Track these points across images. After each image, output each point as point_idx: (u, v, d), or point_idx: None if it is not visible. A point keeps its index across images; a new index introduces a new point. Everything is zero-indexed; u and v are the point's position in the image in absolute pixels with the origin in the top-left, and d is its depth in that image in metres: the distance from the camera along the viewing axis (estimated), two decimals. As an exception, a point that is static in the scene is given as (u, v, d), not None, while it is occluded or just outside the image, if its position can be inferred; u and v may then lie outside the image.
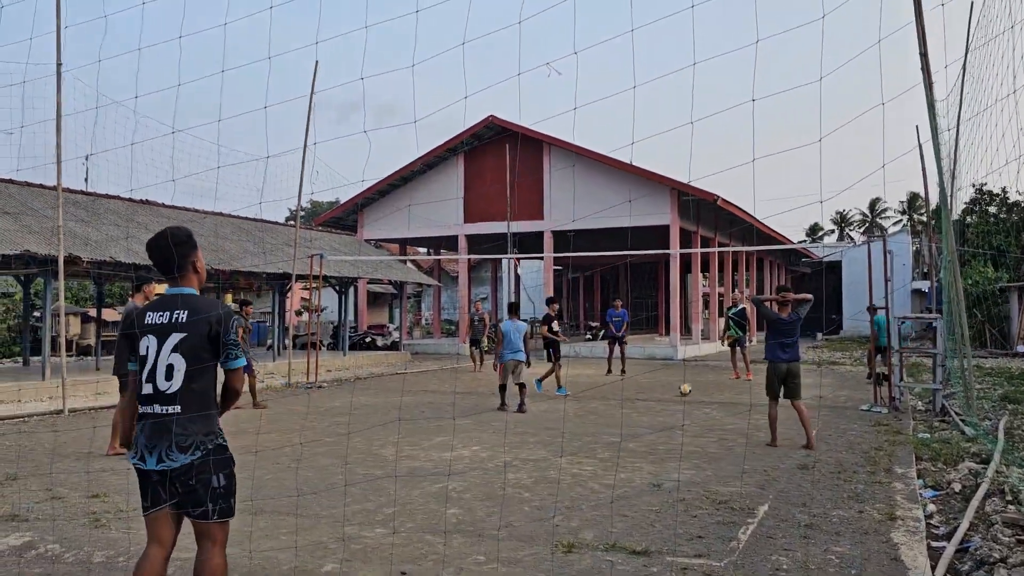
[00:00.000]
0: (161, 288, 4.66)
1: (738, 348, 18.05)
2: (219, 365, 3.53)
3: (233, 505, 3.53)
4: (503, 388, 12.52)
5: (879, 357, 14.21)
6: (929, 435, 9.84)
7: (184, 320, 3.45)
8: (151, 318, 3.51)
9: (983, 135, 10.31)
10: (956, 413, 11.35)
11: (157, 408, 3.41)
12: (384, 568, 4.77)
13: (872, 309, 14.62)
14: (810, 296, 9.65)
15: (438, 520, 5.88)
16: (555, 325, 14.78)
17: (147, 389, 3.46)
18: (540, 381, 14.82)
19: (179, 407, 3.40)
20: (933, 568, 4.81)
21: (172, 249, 3.53)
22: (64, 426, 10.96)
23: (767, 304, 9.53)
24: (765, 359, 9.48)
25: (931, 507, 6.43)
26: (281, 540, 5.37)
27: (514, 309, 13.23)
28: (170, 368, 3.42)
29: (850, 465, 7.95)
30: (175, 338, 3.43)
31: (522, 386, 12.39)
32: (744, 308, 18.53)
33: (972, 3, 11.58)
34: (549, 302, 13.12)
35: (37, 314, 21.55)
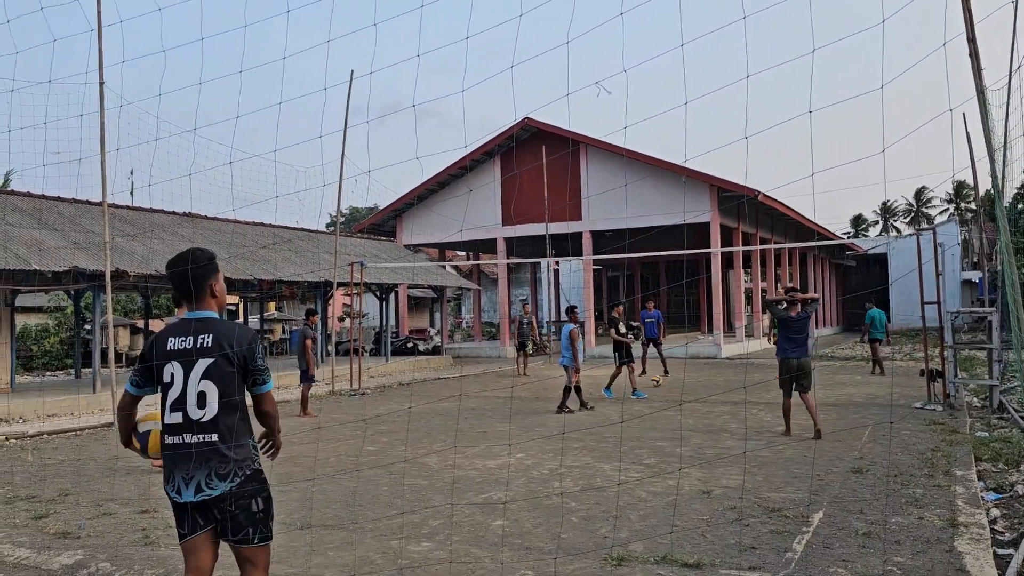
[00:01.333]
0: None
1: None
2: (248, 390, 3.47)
3: (271, 528, 3.48)
4: (566, 390, 12.57)
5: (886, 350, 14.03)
6: (988, 434, 9.52)
7: (209, 345, 3.35)
8: (173, 343, 3.39)
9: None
10: (1015, 410, 10.97)
11: (191, 438, 3.31)
12: (431, 584, 4.72)
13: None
14: (817, 295, 11.04)
15: (484, 532, 5.82)
16: (621, 327, 14.82)
17: (175, 418, 3.34)
18: (608, 388, 14.85)
19: (215, 435, 3.31)
20: (1001, 578, 4.62)
21: (192, 272, 3.44)
22: (115, 439, 11.13)
23: (777, 304, 10.24)
24: (777, 356, 10.04)
25: (995, 511, 6.19)
26: (327, 556, 5.35)
27: (569, 312, 13.26)
28: (202, 396, 3.31)
29: (906, 468, 7.71)
30: (203, 364, 3.33)
31: (565, 389, 12.37)
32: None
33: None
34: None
35: (88, 327, 22.01)
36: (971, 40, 9.46)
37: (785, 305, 10.10)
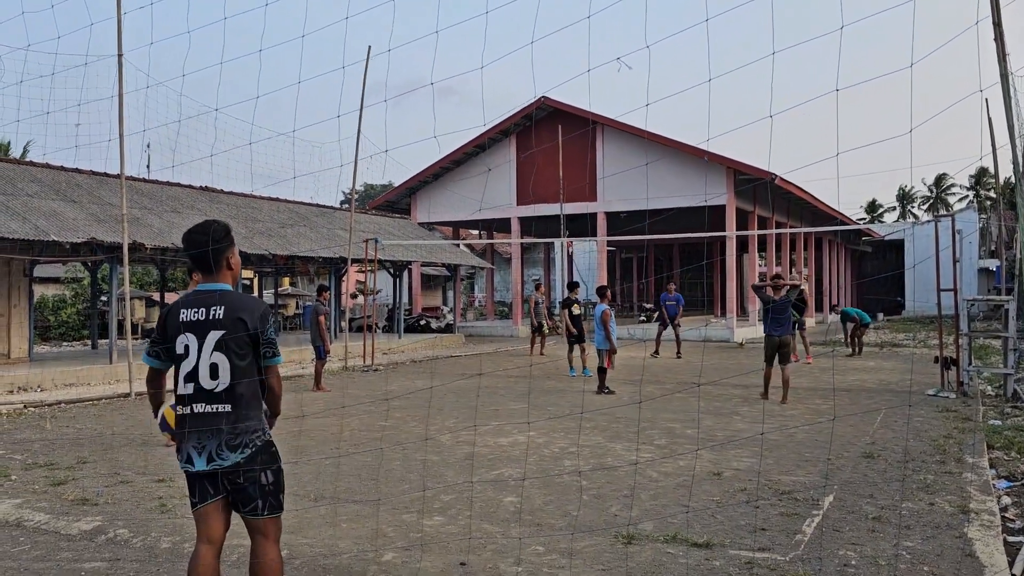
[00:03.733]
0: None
1: (798, 331, 17.70)
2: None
3: (282, 501, 3.52)
4: (602, 371, 12.72)
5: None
6: (1001, 422, 9.49)
7: (222, 316, 3.37)
8: (186, 315, 3.40)
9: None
10: (1029, 399, 10.92)
11: (203, 408, 3.35)
12: (443, 558, 4.78)
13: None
14: (799, 282, 13.14)
15: (496, 508, 5.87)
16: (575, 309, 15.44)
17: (188, 389, 3.37)
18: (572, 369, 15.53)
19: (228, 406, 3.34)
20: (1011, 564, 4.63)
21: (210, 243, 3.45)
22: (131, 409, 11.27)
23: (764, 289, 11.79)
24: (764, 333, 11.51)
25: (1006, 499, 6.19)
26: (341, 528, 5.42)
27: (601, 292, 13.31)
28: (214, 367, 3.34)
29: (918, 454, 7.70)
30: (215, 335, 3.35)
31: (600, 370, 12.52)
32: (803, 289, 18.18)
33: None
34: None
35: (104, 299, 22.22)
36: (996, 24, 9.35)
37: (771, 290, 11.61)
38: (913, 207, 78.25)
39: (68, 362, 15.64)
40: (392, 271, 24.34)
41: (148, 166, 27.86)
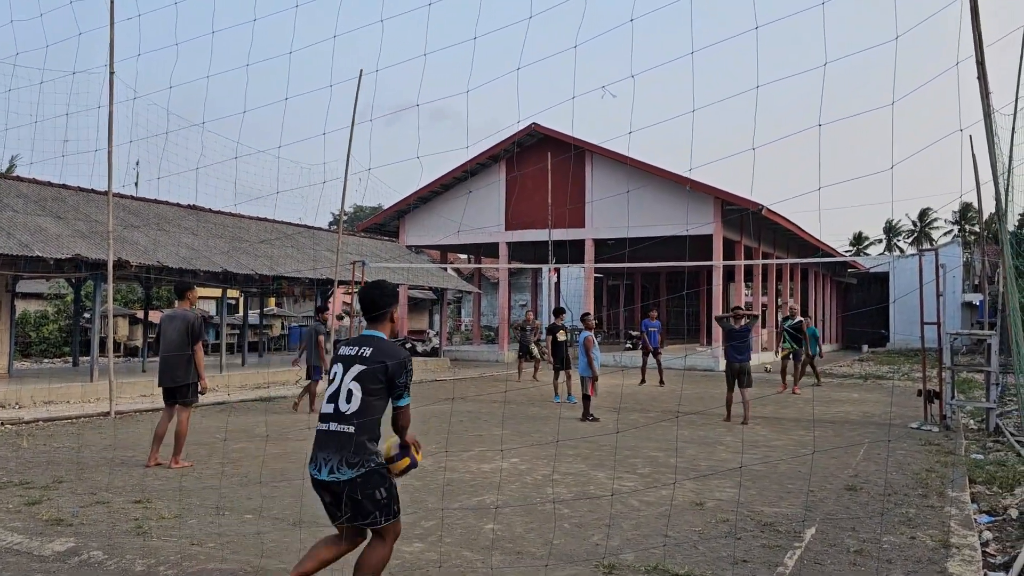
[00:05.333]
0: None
1: (791, 361, 17.71)
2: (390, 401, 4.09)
3: (397, 508, 4.08)
4: (586, 399, 12.69)
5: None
6: (983, 456, 9.52)
7: (368, 356, 4.04)
8: (344, 350, 4.16)
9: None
10: (1011, 433, 10.97)
11: (335, 426, 4.00)
12: (422, 585, 4.72)
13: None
14: (757, 314, 14.23)
15: (477, 535, 5.82)
16: (560, 335, 15.56)
17: (328, 408, 4.06)
18: (557, 395, 15.48)
19: (353, 428, 3.96)
20: (991, 601, 4.61)
21: (379, 299, 4.24)
22: (110, 428, 11.14)
23: (726, 319, 12.89)
24: (726, 359, 12.37)
25: (987, 534, 6.19)
26: (319, 552, 5.34)
27: (583, 319, 13.32)
28: (350, 393, 4.00)
29: (900, 487, 7.71)
30: (356, 369, 4.03)
31: (584, 398, 12.53)
32: (800, 321, 18.25)
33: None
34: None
35: (87, 316, 22.04)
36: (980, 63, 9.50)
37: (732, 320, 12.64)
38: (899, 240, 79.00)
39: (48, 379, 15.46)
40: (379, 293, 24.26)
41: (136, 184, 27.75)
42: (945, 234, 73.64)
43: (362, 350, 4.09)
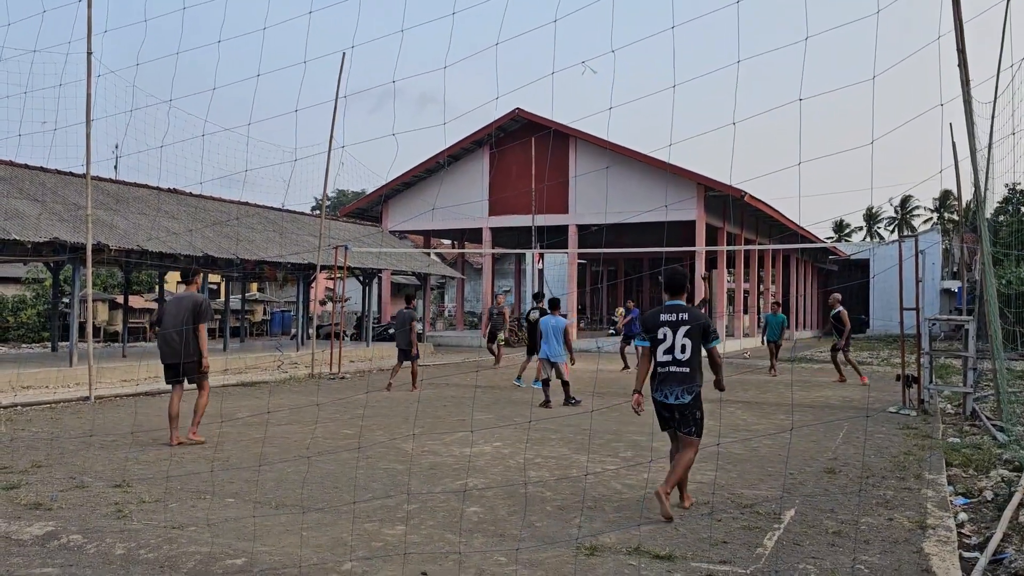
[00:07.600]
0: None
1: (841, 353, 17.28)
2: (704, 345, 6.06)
3: (702, 429, 6.17)
4: (546, 383, 12.52)
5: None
6: (959, 440, 9.64)
7: (686, 319, 6.03)
8: (664, 317, 6.09)
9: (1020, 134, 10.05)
10: (987, 417, 11.12)
11: (675, 369, 6.00)
12: (404, 568, 4.73)
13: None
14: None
15: (459, 518, 5.84)
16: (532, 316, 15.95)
17: (666, 358, 6.02)
18: (518, 377, 15.41)
19: (687, 369, 5.99)
20: (966, 581, 4.68)
21: (681, 280, 6.26)
22: (89, 413, 11.05)
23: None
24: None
25: (963, 515, 6.27)
26: (302, 536, 5.34)
27: (555, 304, 13.11)
28: (683, 346, 5.97)
29: (878, 470, 7.80)
30: (683, 329, 5.99)
31: (563, 383, 12.39)
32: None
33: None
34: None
35: (66, 300, 21.81)
36: (960, 50, 9.56)
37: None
38: (879, 227, 79.59)
39: (26, 364, 15.30)
40: (362, 279, 24.19)
41: (116, 167, 27.42)
42: (925, 222, 74.25)
43: (680, 315, 6.01)
